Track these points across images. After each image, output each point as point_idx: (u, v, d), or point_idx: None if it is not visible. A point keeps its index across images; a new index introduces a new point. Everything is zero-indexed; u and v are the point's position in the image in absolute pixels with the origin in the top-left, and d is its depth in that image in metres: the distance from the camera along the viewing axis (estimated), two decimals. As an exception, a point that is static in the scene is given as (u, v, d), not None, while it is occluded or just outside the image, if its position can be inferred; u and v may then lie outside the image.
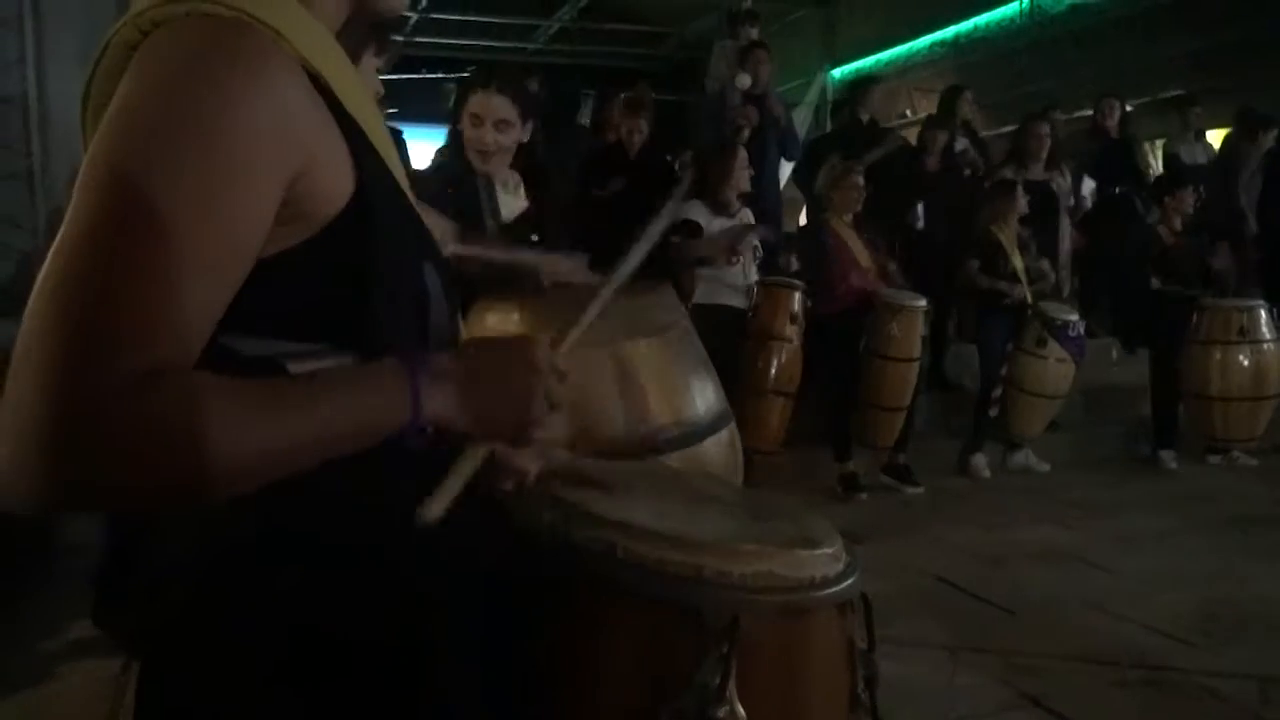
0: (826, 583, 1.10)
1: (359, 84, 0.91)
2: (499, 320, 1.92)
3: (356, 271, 0.84)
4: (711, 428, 1.88)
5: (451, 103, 2.92)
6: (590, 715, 1.05)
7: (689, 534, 1.08)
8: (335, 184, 0.84)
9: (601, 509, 1.12)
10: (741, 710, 0.99)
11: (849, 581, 1.12)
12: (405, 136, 5.33)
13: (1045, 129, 6.29)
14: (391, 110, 6.38)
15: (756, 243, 5.02)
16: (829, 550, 1.13)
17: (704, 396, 1.89)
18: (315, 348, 0.84)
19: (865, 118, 6.90)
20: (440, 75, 11.55)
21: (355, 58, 2.09)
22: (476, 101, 2.63)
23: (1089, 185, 7.16)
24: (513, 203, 2.78)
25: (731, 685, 0.99)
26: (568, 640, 1.05)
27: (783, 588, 1.07)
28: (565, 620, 1.06)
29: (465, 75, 2.96)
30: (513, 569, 1.02)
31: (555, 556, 1.08)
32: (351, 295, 0.85)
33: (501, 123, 2.62)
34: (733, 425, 1.98)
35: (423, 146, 6.02)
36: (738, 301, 4.95)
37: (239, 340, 0.81)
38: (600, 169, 5.66)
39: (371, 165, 0.87)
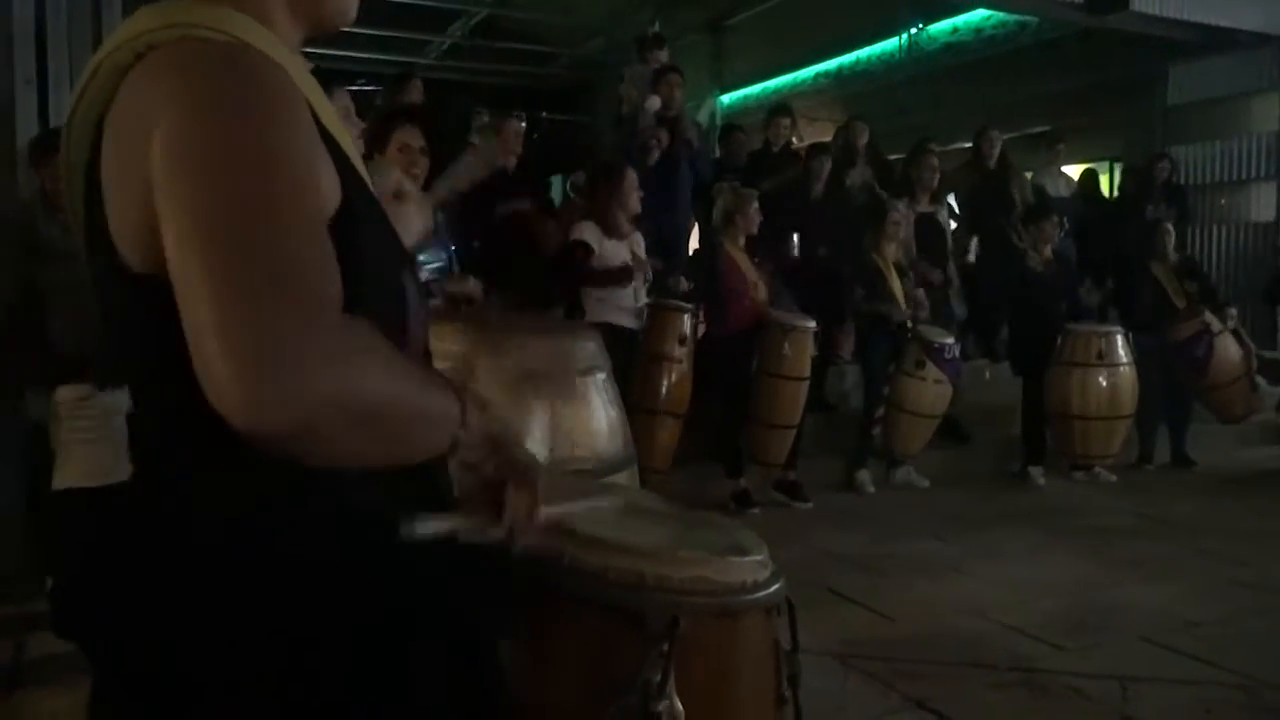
0: (757, 587, 1.19)
1: (329, 103, 0.96)
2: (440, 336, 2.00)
3: (349, 275, 0.87)
4: (620, 465, 2.01)
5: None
6: (541, 711, 1.11)
7: (630, 542, 1.15)
8: (329, 189, 0.89)
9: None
10: (680, 705, 1.05)
11: (776, 586, 1.21)
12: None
13: (934, 160, 6.61)
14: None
15: (647, 268, 5.09)
16: (758, 558, 1.21)
17: (615, 436, 2.02)
18: None
19: (778, 146, 7.11)
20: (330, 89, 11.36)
21: None
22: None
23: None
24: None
25: (671, 682, 1.05)
26: (519, 642, 1.10)
27: (717, 591, 1.15)
28: (517, 623, 1.11)
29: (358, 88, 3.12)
30: (468, 578, 1.05)
31: (505, 564, 1.12)
32: (348, 297, 0.88)
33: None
34: (635, 466, 2.12)
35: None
36: (629, 322, 4.99)
37: None
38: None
39: (352, 177, 0.93)
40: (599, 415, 2.01)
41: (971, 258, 7.07)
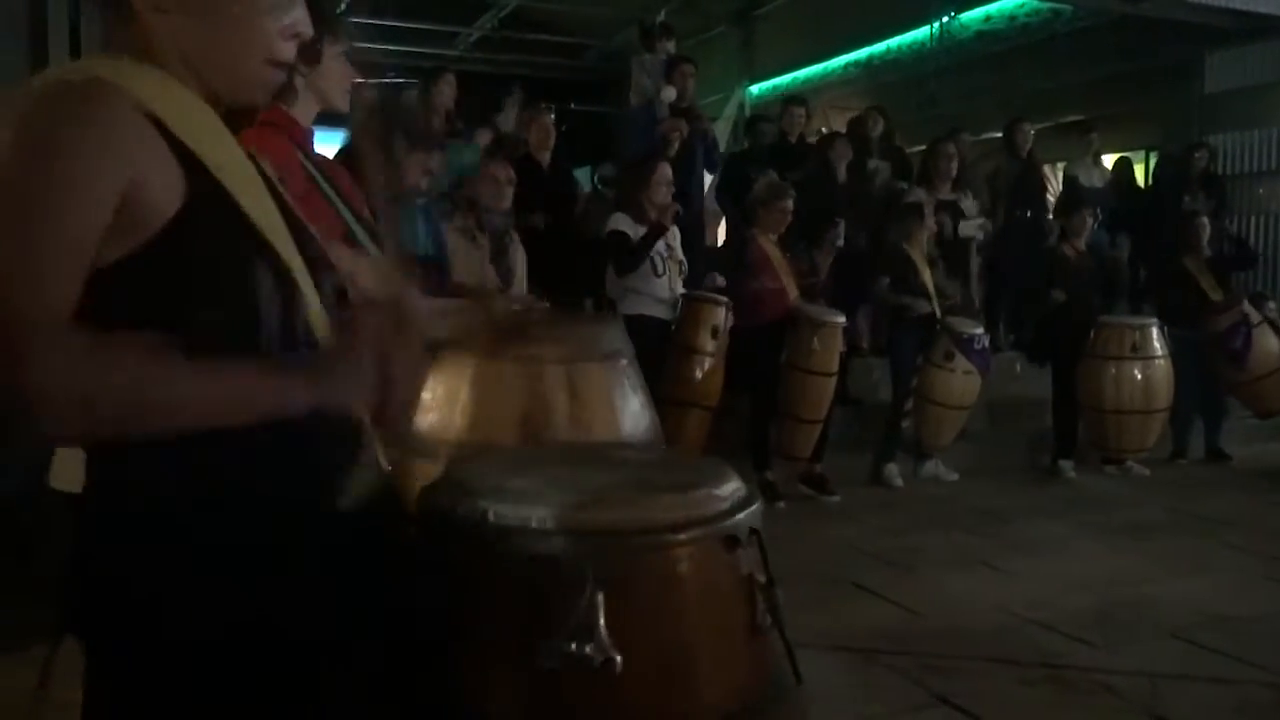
0: (701, 522, 1.20)
1: (208, 125, 1.11)
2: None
3: (184, 266, 1.04)
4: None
5: None
6: (473, 661, 1.15)
7: (554, 493, 1.20)
8: (164, 196, 1.03)
9: (481, 482, 1.25)
10: (608, 643, 1.08)
11: (733, 520, 1.22)
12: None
13: (951, 149, 6.54)
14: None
15: (682, 258, 5.10)
16: (706, 490, 1.23)
17: (640, 422, 2.04)
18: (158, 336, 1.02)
19: (794, 136, 7.08)
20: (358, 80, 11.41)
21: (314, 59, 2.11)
22: None
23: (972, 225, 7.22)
24: None
25: (600, 623, 1.08)
26: (454, 599, 1.17)
27: (645, 529, 1.17)
28: (451, 582, 1.17)
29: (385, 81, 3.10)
30: (406, 546, 1.20)
31: (441, 529, 1.21)
32: (182, 287, 1.04)
33: None
34: (663, 450, 2.13)
35: (325, 150, 6.01)
36: (662, 313, 5.01)
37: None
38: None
39: (201, 184, 1.06)
40: (621, 401, 2.02)
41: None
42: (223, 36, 1.11)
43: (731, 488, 1.27)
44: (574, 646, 1.07)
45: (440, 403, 1.96)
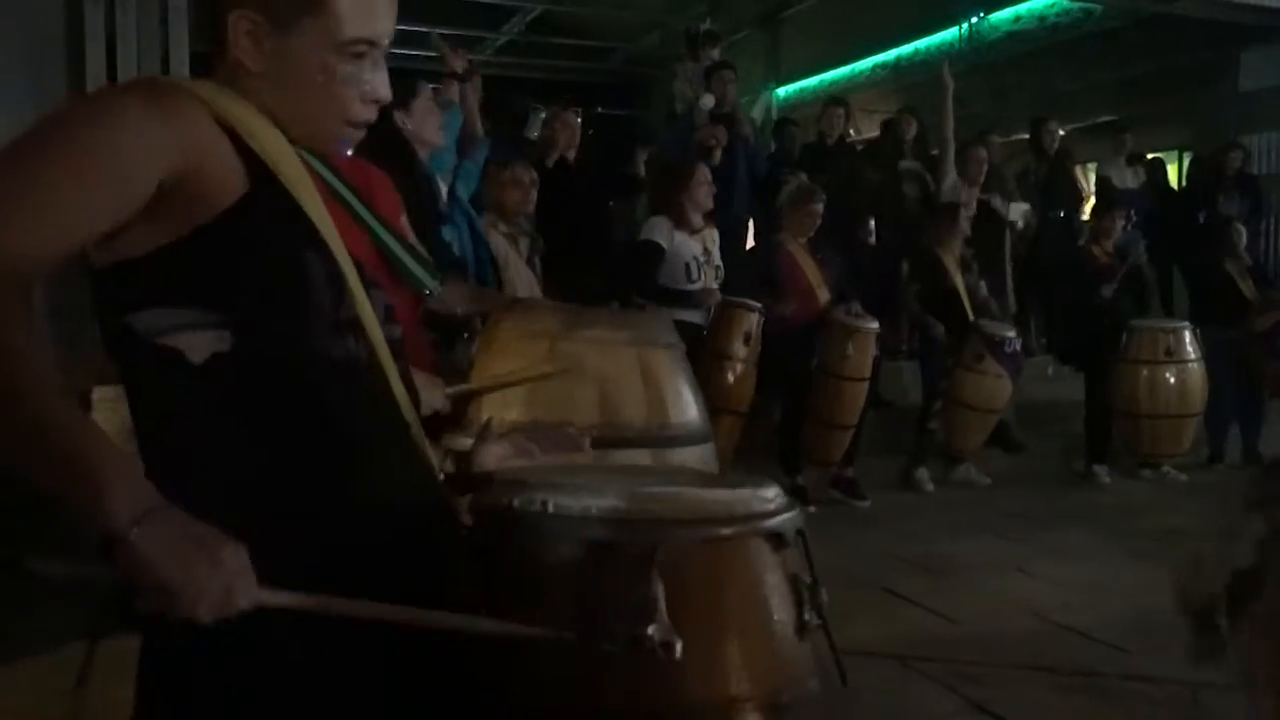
0: (749, 518, 1.23)
1: (276, 139, 1.16)
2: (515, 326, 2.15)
3: (240, 249, 1.10)
4: (704, 437, 2.06)
5: None
6: (527, 652, 1.16)
7: (609, 488, 1.23)
8: (222, 185, 1.09)
9: (536, 478, 1.28)
10: (670, 624, 1.09)
11: (780, 518, 1.25)
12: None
13: (982, 153, 6.51)
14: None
15: (719, 263, 5.09)
16: (751, 491, 1.26)
17: (700, 410, 2.08)
18: (207, 316, 1.09)
19: (833, 138, 7.09)
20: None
21: None
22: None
23: (1018, 210, 7.25)
24: None
25: (661, 605, 1.09)
26: (505, 587, 1.20)
27: (699, 520, 1.21)
28: (508, 574, 1.20)
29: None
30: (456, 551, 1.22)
31: (497, 522, 1.24)
32: (237, 269, 1.10)
33: None
34: (713, 443, 2.16)
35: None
36: (696, 318, 5.00)
37: (148, 314, 1.08)
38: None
39: (262, 179, 1.12)
40: (686, 386, 2.07)
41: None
42: (304, 99, 1.17)
43: (774, 493, 1.30)
44: (636, 628, 1.09)
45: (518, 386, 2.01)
